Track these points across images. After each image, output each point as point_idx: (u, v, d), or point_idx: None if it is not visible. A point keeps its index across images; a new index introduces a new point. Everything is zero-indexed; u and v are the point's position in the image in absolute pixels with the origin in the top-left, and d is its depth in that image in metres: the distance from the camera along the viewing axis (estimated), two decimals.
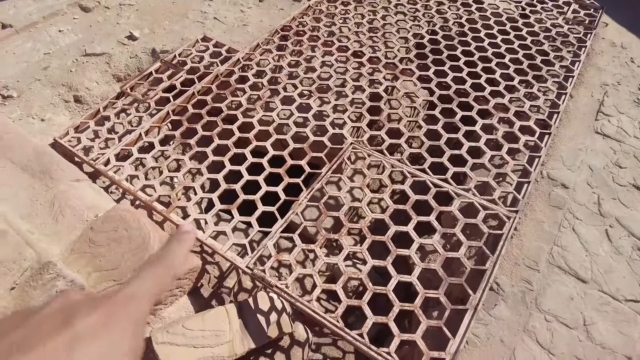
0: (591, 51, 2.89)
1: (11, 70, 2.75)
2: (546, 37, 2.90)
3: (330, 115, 2.31)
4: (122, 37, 2.96)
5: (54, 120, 2.56)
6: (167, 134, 2.31)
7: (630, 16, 3.23)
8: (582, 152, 2.26)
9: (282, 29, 2.86)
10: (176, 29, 2.99)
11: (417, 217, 1.86)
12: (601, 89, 2.64)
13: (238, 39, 2.87)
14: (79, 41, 2.97)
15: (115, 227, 1.82)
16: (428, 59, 2.63)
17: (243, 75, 2.55)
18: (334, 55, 2.68)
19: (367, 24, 2.92)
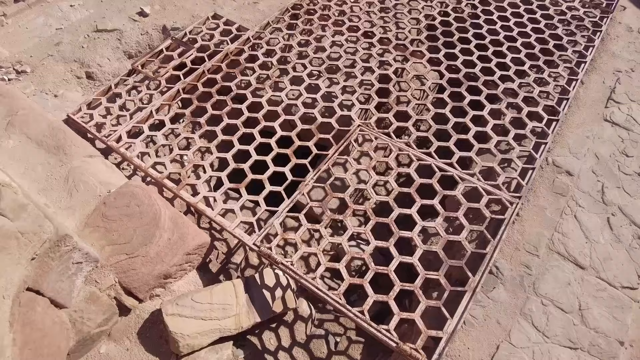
0: (606, 36, 2.83)
1: (24, 45, 2.78)
2: (560, 20, 2.85)
3: (338, 97, 2.32)
4: (133, 13, 2.96)
5: (67, 96, 2.61)
6: (177, 112, 2.35)
7: None
8: (590, 139, 2.26)
9: (293, 7, 2.84)
10: (187, 5, 2.98)
11: (421, 201, 1.90)
12: (614, 75, 2.60)
13: (248, 17, 2.86)
14: (90, 16, 2.98)
15: (127, 203, 1.89)
16: (439, 41, 2.61)
17: (253, 54, 2.55)
18: (344, 35, 2.66)
19: (378, 4, 2.88)
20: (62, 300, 1.58)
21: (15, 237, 1.42)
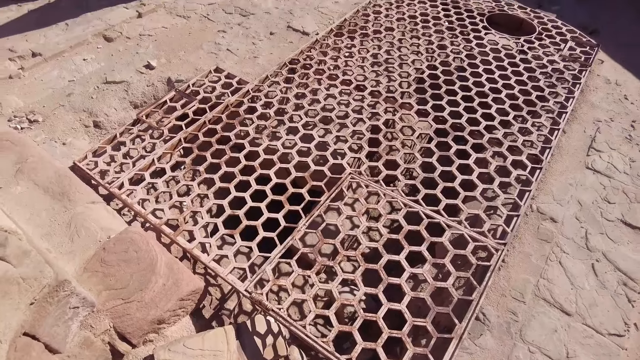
0: (585, 88, 3.00)
1: (38, 96, 2.96)
2: (542, 73, 3.02)
3: (331, 146, 2.44)
4: (140, 66, 3.16)
5: (75, 144, 2.74)
6: (178, 160, 2.47)
7: (627, 53, 3.34)
8: (572, 187, 2.35)
9: (291, 61, 3.04)
10: (191, 59, 3.18)
11: (409, 247, 1.96)
12: (594, 125, 2.74)
13: (248, 70, 3.05)
14: (101, 69, 3.18)
15: (125, 249, 1.96)
16: (427, 94, 2.77)
17: (252, 106, 2.71)
18: (338, 88, 2.83)
19: (370, 58, 3.08)
20: (57, 346, 1.62)
21: (17, 282, 1.49)
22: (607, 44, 3.36)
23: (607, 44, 3.37)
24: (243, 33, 3.41)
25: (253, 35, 3.38)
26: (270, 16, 3.59)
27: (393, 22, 3.43)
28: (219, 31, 3.44)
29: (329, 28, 3.35)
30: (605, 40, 3.40)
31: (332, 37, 3.26)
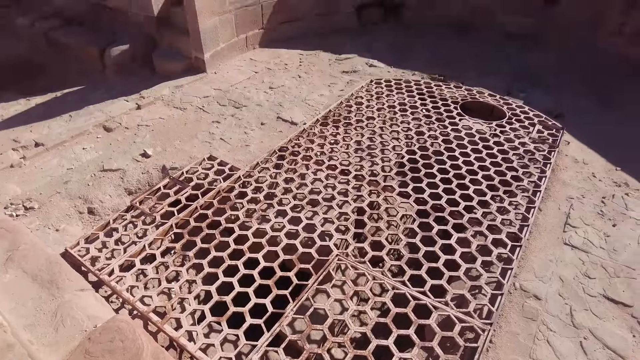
0: (556, 167, 3.20)
1: (36, 184, 3.07)
2: (515, 154, 3.24)
3: (318, 228, 2.53)
4: (137, 154, 3.34)
5: (68, 230, 2.80)
6: (168, 245, 2.53)
7: (591, 133, 3.61)
8: (553, 263, 2.42)
9: (280, 149, 3.24)
10: (186, 148, 3.38)
11: (398, 331, 1.97)
12: (567, 202, 2.89)
13: (240, 158, 3.23)
14: (99, 157, 3.34)
15: (111, 338, 1.94)
16: (407, 177, 2.94)
17: (242, 191, 2.84)
18: (325, 172, 3.00)
19: (354, 145, 3.30)
20: None
21: None
22: (571, 127, 3.65)
23: (571, 126, 3.65)
24: (236, 123, 3.66)
25: (245, 126, 3.63)
26: (262, 108, 3.89)
27: (374, 111, 3.73)
28: (213, 122, 3.69)
29: (315, 118, 3.62)
30: (569, 123, 3.69)
31: (318, 127, 3.52)
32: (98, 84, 4.47)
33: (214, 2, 4.33)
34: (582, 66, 4.84)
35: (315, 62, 4.83)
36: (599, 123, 3.77)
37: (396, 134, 3.46)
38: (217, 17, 4.42)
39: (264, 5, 4.98)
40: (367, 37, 5.52)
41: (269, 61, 4.83)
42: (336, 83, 4.33)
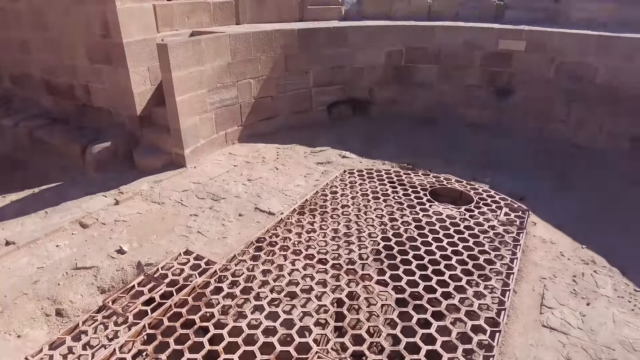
0: (526, 248, 3.32)
1: (1, 286, 2.95)
2: (486, 237, 3.37)
3: (297, 323, 2.48)
4: (112, 251, 3.30)
5: (30, 335, 2.65)
6: (140, 348, 2.41)
7: (554, 213, 3.81)
8: (534, 347, 2.41)
9: (257, 240, 3.28)
10: (162, 242, 3.37)
11: None
12: (540, 282, 2.95)
13: (217, 251, 3.23)
14: (73, 255, 3.28)
15: None
16: (384, 264, 2.98)
17: (218, 286, 2.80)
18: (302, 262, 3.01)
19: (330, 233, 3.37)
20: None
21: None
22: (535, 208, 3.86)
23: (535, 207, 3.87)
24: (214, 216, 3.72)
25: (223, 218, 3.69)
26: (240, 199, 3.99)
27: (349, 200, 3.88)
28: (191, 215, 3.74)
29: (292, 208, 3.73)
30: (533, 204, 3.91)
31: (295, 216, 3.61)
32: (77, 180, 4.53)
33: (195, 103, 4.63)
34: (538, 150, 5.26)
35: (291, 154, 5.08)
36: (560, 203, 4.01)
37: (371, 221, 3.57)
38: (198, 116, 4.71)
39: (242, 104, 5.35)
40: (339, 130, 5.91)
41: (247, 155, 5.05)
42: (312, 174, 4.53)
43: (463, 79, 6.19)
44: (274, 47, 5.44)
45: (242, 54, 5.14)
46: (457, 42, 6.02)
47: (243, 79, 5.26)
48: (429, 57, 6.20)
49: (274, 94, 5.69)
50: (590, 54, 5.16)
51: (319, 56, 5.88)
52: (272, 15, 6.30)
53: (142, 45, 4.61)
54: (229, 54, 4.98)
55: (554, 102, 5.64)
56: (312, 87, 6.02)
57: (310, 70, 5.90)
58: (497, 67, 5.95)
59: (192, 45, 4.45)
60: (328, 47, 5.89)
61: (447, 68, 6.20)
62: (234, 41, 5.00)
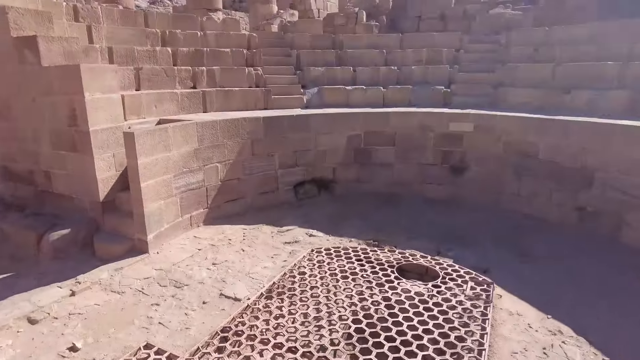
0: (494, 322, 3.35)
1: None
2: (455, 314, 3.37)
3: None
4: (63, 349, 3.04)
5: None
6: None
7: (518, 284, 3.91)
8: None
9: (222, 330, 3.13)
10: (120, 336, 3.15)
11: None
12: (512, 357, 2.95)
13: (180, 343, 3.05)
14: (15, 357, 2.99)
15: None
16: (356, 349, 2.90)
17: None
18: (270, 353, 2.88)
19: (300, 318, 3.28)
20: None
21: None
22: (499, 280, 3.95)
23: (499, 279, 3.96)
24: (176, 304, 3.56)
25: (186, 306, 3.53)
26: (204, 286, 3.86)
27: (317, 280, 3.84)
28: (153, 304, 3.56)
29: (259, 292, 3.64)
30: (497, 277, 4.01)
31: (262, 301, 3.51)
32: (31, 270, 4.26)
33: (161, 188, 4.64)
34: (496, 223, 5.52)
35: (258, 235, 5.07)
36: (522, 274, 4.14)
37: (341, 302, 3.51)
38: (163, 201, 4.69)
39: (208, 187, 5.40)
40: (306, 209, 6.02)
41: (212, 237, 4.99)
42: (279, 254, 4.50)
43: (419, 158, 6.61)
44: (240, 133, 5.67)
45: (209, 140, 5.31)
46: (412, 125, 6.51)
47: (210, 163, 5.38)
48: (386, 139, 6.63)
49: (240, 176, 5.80)
50: (531, 133, 5.71)
51: (284, 140, 6.16)
52: (239, 104, 6.66)
53: (108, 133, 4.68)
54: (196, 141, 5.13)
55: (505, 176, 6.06)
56: (278, 169, 6.21)
57: (275, 154, 6.13)
58: (450, 147, 6.42)
59: (159, 133, 4.57)
60: (292, 132, 6.21)
61: (404, 149, 6.63)
62: (202, 128, 5.19)
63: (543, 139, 5.60)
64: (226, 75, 6.77)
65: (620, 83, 6.01)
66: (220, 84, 6.69)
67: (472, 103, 6.97)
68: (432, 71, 7.69)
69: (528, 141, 5.75)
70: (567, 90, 6.32)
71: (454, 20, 10.94)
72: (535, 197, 5.77)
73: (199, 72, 6.45)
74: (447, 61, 7.90)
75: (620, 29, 6.64)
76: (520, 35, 7.80)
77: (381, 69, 7.80)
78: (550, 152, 5.55)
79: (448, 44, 8.24)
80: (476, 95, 7.10)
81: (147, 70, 5.81)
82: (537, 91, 6.58)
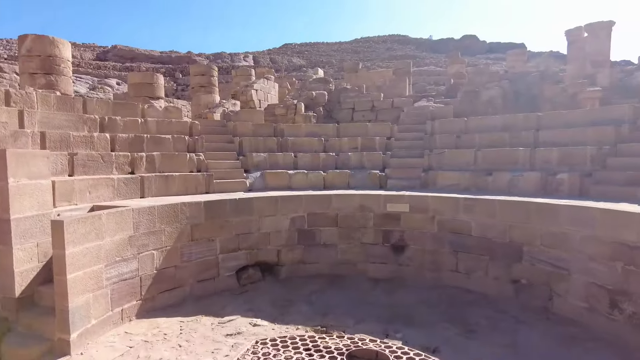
0: None
1: None
2: None
3: None
4: None
5: None
6: None
7: None
8: None
9: None
10: None
11: None
12: None
13: None
14: None
15: None
16: None
17: None
18: None
19: None
20: None
21: None
22: (449, 358, 3.93)
23: (448, 358, 3.94)
24: None
25: None
26: None
27: None
28: None
29: None
30: (446, 356, 3.98)
31: None
32: None
33: (89, 280, 4.24)
34: (439, 299, 5.61)
35: (197, 327, 4.69)
36: (469, 350, 4.16)
37: None
38: (91, 294, 4.26)
39: (143, 277, 5.03)
40: (249, 296, 5.75)
41: (146, 333, 4.53)
42: (220, 348, 4.16)
43: (362, 237, 6.76)
44: (179, 218, 5.50)
45: (146, 227, 5.07)
46: (353, 206, 6.75)
47: (145, 250, 5.07)
48: (328, 220, 6.76)
49: (178, 263, 5.50)
50: (461, 212, 6.13)
51: (225, 224, 6.05)
52: (179, 189, 6.55)
53: (33, 220, 4.33)
54: (131, 227, 4.87)
55: (443, 253, 6.32)
56: (219, 253, 6.00)
57: (216, 238, 5.96)
58: (389, 226, 6.66)
59: (92, 220, 4.30)
60: (235, 215, 6.14)
61: (346, 229, 6.77)
62: (138, 214, 4.97)
63: (473, 217, 6.02)
64: (166, 160, 6.73)
65: (532, 166, 6.80)
66: (160, 169, 6.60)
67: (405, 185, 7.44)
68: (367, 157, 8.23)
69: (460, 219, 6.15)
70: (489, 172, 7.00)
71: (384, 112, 12.07)
72: (473, 272, 6.03)
73: (138, 158, 6.35)
74: (380, 148, 8.53)
75: (524, 120, 7.70)
76: (444, 124, 8.73)
77: (321, 155, 8.21)
78: (481, 229, 5.95)
79: (380, 132, 8.97)
80: (409, 179, 7.61)
81: (82, 155, 5.61)
82: (462, 174, 7.21)
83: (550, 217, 5.20)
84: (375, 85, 15.53)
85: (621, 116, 6.68)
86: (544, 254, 5.31)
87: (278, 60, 44.71)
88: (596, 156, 6.17)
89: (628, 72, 13.76)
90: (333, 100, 13.42)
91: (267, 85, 15.95)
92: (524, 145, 7.12)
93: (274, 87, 16.97)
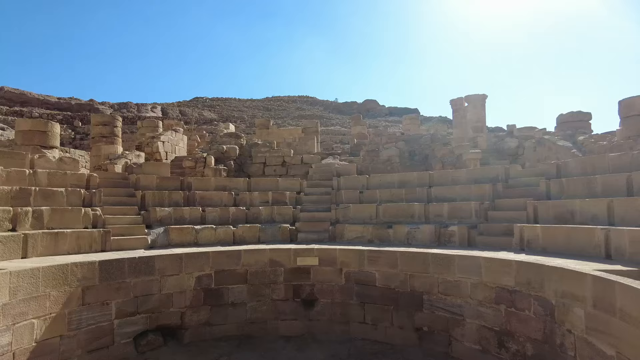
0: None
1: None
2: None
3: None
4: None
5: None
6: None
7: None
8: None
9: None
10: None
11: None
12: None
13: None
14: None
15: None
16: None
17: None
18: None
19: None
20: None
21: None
22: None
23: None
24: None
25: None
26: None
27: None
28: None
29: None
30: None
31: None
32: None
33: None
34: (349, 354, 5.65)
35: None
36: None
37: None
38: None
39: (17, 352, 4.32)
40: None
41: None
42: None
43: (272, 294, 6.66)
44: (69, 280, 4.94)
45: (26, 292, 4.46)
46: (262, 261, 6.68)
47: (23, 320, 4.41)
48: (238, 277, 6.58)
49: (64, 332, 4.85)
50: (365, 264, 6.43)
51: (123, 286, 5.55)
52: (71, 247, 5.91)
53: None
54: (6, 294, 4.24)
55: (351, 305, 6.48)
56: (115, 318, 5.43)
57: (112, 302, 5.42)
58: (299, 281, 6.70)
59: None
60: (133, 275, 5.68)
61: (256, 286, 6.64)
62: (16, 278, 4.36)
63: (377, 268, 6.35)
64: (57, 216, 6.10)
65: (427, 219, 7.49)
66: (48, 226, 5.93)
67: (315, 238, 7.63)
68: (277, 211, 8.34)
69: (365, 271, 6.44)
70: (389, 225, 7.52)
71: (295, 167, 12.49)
72: (380, 323, 6.25)
73: (22, 213, 5.67)
74: (291, 202, 8.73)
75: (418, 178, 8.56)
76: (348, 181, 9.29)
77: (231, 209, 8.11)
78: (385, 279, 6.28)
79: (290, 187, 9.23)
80: (318, 232, 7.84)
81: None
82: (366, 227, 7.65)
83: (445, 266, 5.71)
84: (286, 142, 16.11)
85: (496, 175, 7.80)
86: (442, 301, 5.75)
87: (188, 113, 44.09)
88: (479, 210, 7.03)
89: (500, 137, 16.22)
90: (244, 154, 13.55)
91: (175, 138, 15.58)
92: (418, 200, 7.85)
93: (182, 139, 16.64)
